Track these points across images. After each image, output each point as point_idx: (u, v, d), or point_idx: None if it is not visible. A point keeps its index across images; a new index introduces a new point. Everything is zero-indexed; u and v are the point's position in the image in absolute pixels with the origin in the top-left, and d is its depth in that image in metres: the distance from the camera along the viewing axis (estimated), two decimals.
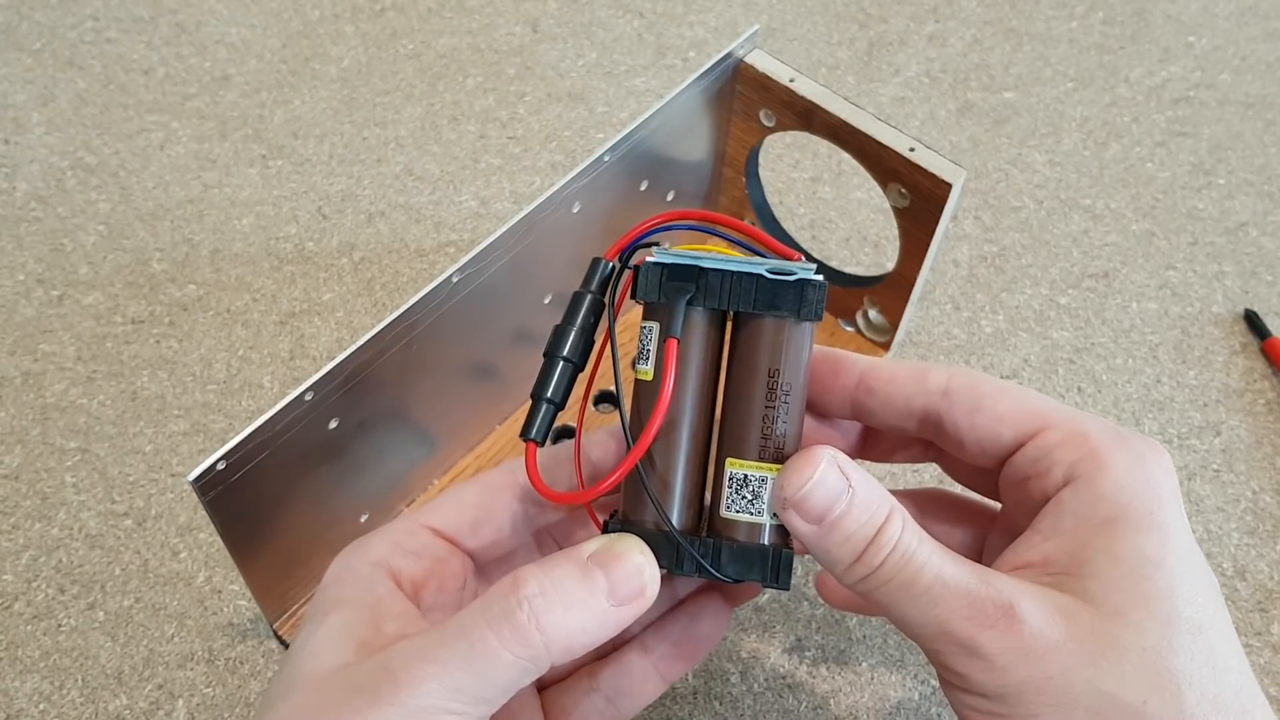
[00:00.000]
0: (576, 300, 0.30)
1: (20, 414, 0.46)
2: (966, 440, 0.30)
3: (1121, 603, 0.26)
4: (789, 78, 0.43)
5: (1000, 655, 0.25)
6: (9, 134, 0.56)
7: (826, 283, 0.27)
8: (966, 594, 0.26)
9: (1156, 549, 0.27)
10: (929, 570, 0.26)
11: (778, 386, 0.28)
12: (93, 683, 0.40)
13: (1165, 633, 0.26)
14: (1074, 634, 0.26)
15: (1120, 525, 0.27)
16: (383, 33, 0.61)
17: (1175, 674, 0.25)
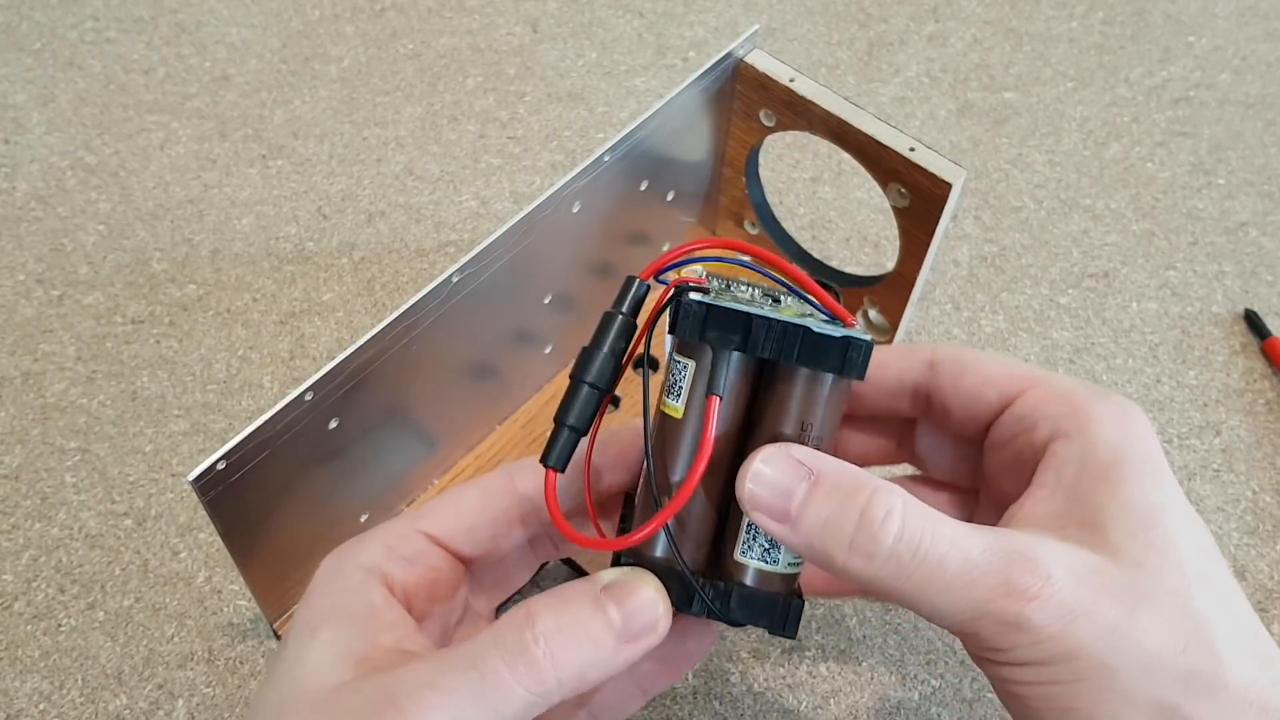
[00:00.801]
0: (607, 321, 0.28)
1: (20, 414, 0.46)
2: (953, 406, 0.31)
3: (1139, 552, 0.26)
4: (789, 78, 0.43)
5: (1046, 625, 0.25)
6: (9, 134, 0.56)
7: (873, 344, 0.26)
8: (1000, 569, 0.25)
9: (1159, 493, 0.27)
10: (954, 555, 0.25)
11: (808, 439, 0.27)
12: (93, 682, 0.40)
13: (1183, 579, 0.26)
14: (1108, 590, 0.25)
15: (1122, 470, 0.27)
16: (383, 32, 0.61)
17: (1201, 618, 0.25)
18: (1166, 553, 0.26)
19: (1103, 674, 0.25)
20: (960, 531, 0.26)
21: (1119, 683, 0.25)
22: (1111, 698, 0.25)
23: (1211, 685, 0.25)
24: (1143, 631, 0.25)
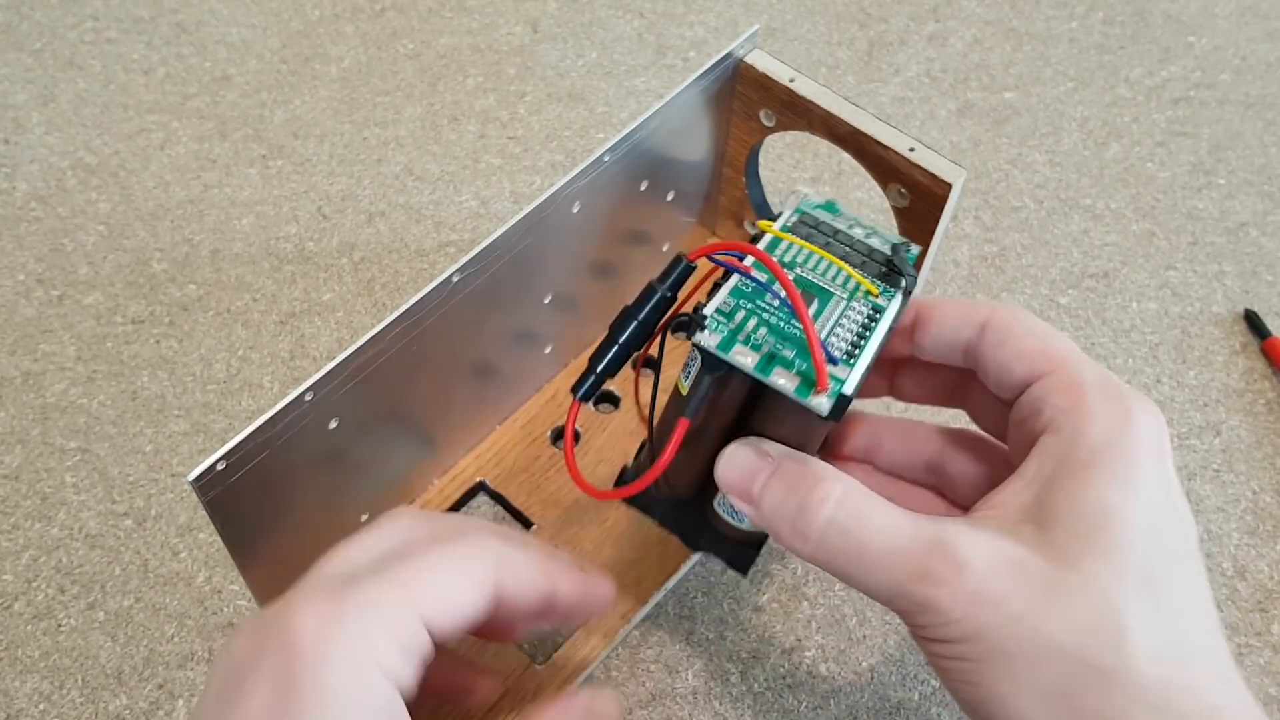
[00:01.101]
0: (648, 293, 0.33)
1: (20, 414, 0.46)
2: (990, 373, 0.32)
3: (1078, 551, 0.27)
4: (789, 78, 0.43)
5: (953, 609, 0.27)
6: (9, 134, 0.56)
7: (852, 398, 0.29)
8: (917, 556, 0.28)
9: (1121, 499, 0.28)
10: (878, 540, 0.28)
11: (791, 444, 0.32)
12: (93, 683, 0.40)
13: (1115, 581, 0.27)
14: (1022, 582, 0.27)
15: (1090, 473, 0.28)
16: (383, 33, 0.61)
17: (1120, 618, 0.27)
18: (1108, 556, 0.27)
19: (1001, 658, 0.27)
20: (893, 519, 0.29)
21: (1016, 667, 0.27)
22: (1008, 680, 0.27)
23: (1109, 680, 0.26)
24: (1046, 623, 0.27)
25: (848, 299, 0.33)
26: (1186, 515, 0.29)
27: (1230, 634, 0.42)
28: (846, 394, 0.30)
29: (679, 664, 0.41)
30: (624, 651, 0.41)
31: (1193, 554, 0.29)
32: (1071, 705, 0.27)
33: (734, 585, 0.42)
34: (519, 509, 0.43)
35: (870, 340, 0.32)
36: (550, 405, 0.46)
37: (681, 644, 0.41)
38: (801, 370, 0.30)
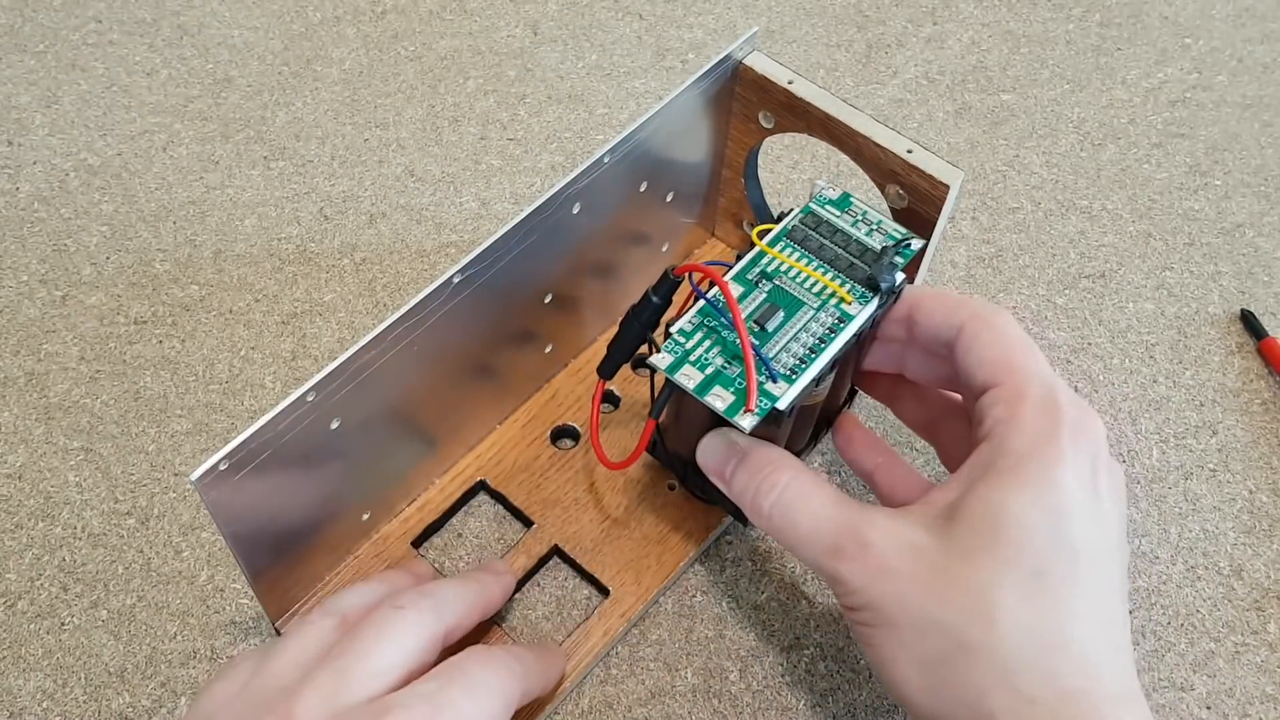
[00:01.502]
0: (645, 301, 0.39)
1: (24, 414, 0.46)
2: (959, 376, 0.36)
3: (972, 545, 0.31)
4: (787, 79, 0.43)
5: (853, 580, 0.33)
6: (12, 135, 0.56)
7: (787, 411, 0.35)
8: (832, 535, 0.33)
9: (1024, 505, 0.31)
10: (806, 521, 0.34)
11: (756, 434, 0.37)
12: (96, 681, 0.40)
13: (998, 574, 0.31)
14: (916, 564, 0.32)
15: (1004, 479, 0.32)
16: (384, 35, 0.62)
17: (996, 608, 0.30)
18: (997, 552, 0.31)
19: (890, 626, 0.32)
20: (824, 504, 0.34)
21: (901, 635, 0.32)
22: (893, 646, 0.32)
23: (975, 655, 0.30)
24: (929, 601, 0.31)
25: (817, 308, 0.38)
26: (1109, 523, 0.32)
27: (1227, 632, 0.42)
28: (780, 409, 0.35)
29: (678, 662, 0.41)
30: (623, 649, 0.41)
31: (1104, 557, 0.32)
32: (941, 673, 0.31)
33: (733, 584, 0.43)
34: (519, 508, 0.43)
35: (823, 353, 0.36)
36: (550, 405, 0.46)
37: (681, 642, 0.41)
38: (740, 388, 0.35)
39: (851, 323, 0.37)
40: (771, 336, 0.37)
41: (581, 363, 0.48)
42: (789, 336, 0.37)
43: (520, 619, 0.41)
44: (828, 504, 0.34)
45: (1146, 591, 0.43)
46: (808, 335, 0.37)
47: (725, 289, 0.36)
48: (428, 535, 0.43)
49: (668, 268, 0.38)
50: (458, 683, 0.32)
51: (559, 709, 0.39)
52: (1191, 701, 0.40)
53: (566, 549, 0.42)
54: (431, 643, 0.34)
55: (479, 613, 0.37)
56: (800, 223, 0.40)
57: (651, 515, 0.43)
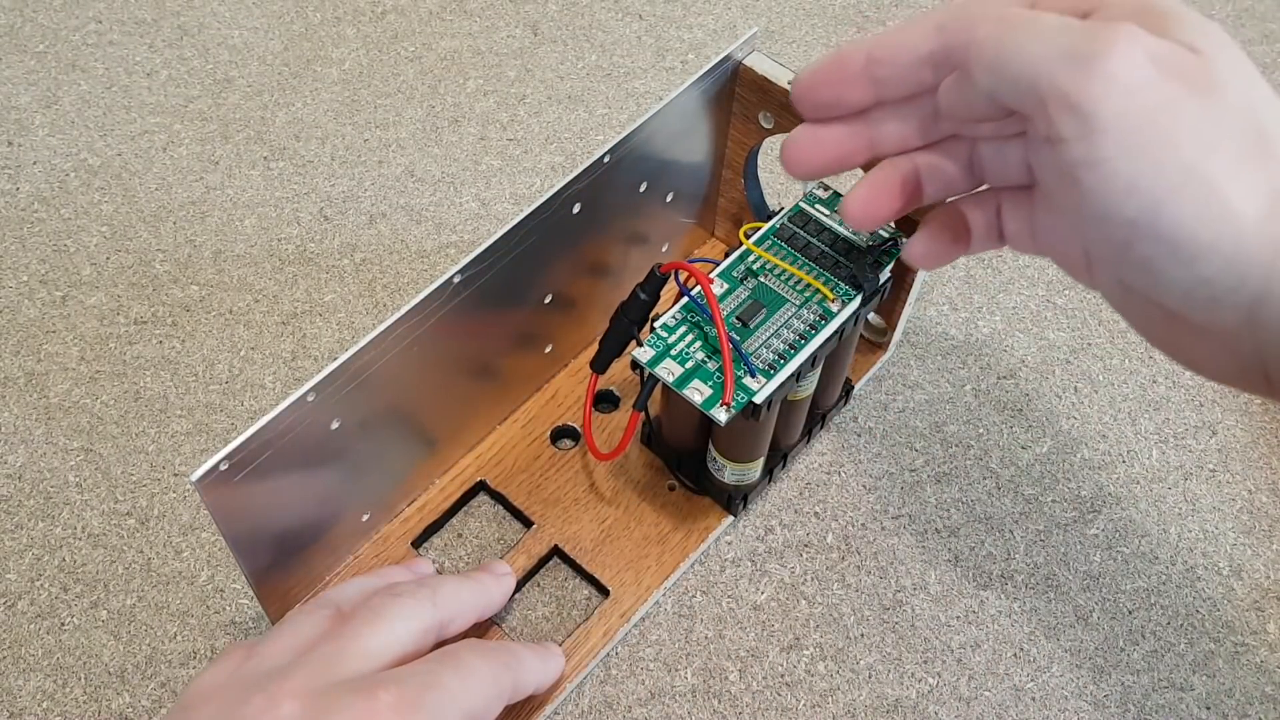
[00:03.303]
0: (633, 298, 0.40)
1: (24, 414, 0.46)
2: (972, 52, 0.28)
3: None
4: (788, 80, 0.43)
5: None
6: (12, 135, 0.56)
7: (764, 405, 0.36)
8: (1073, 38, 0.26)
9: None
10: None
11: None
12: (96, 681, 0.40)
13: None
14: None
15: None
16: (384, 35, 0.62)
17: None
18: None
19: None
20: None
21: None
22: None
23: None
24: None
25: (800, 305, 0.39)
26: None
27: (1227, 633, 0.42)
28: (756, 402, 0.36)
29: (678, 662, 0.41)
30: (623, 650, 0.41)
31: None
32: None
33: (733, 584, 0.43)
34: (519, 508, 0.43)
35: (803, 349, 0.37)
36: (550, 405, 0.46)
37: (680, 642, 0.41)
38: (718, 382, 0.36)
39: (833, 320, 0.38)
40: (753, 332, 0.38)
41: (581, 363, 0.48)
42: (770, 333, 0.38)
43: (520, 619, 0.41)
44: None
45: (1146, 591, 0.43)
46: (789, 332, 0.38)
47: (705, 285, 0.37)
48: (428, 535, 0.43)
49: (654, 265, 0.39)
50: (448, 665, 0.32)
51: (559, 709, 0.40)
52: (1191, 701, 0.40)
53: (566, 549, 0.42)
54: (426, 630, 0.34)
55: (476, 610, 0.37)
56: (788, 221, 0.41)
57: (651, 515, 0.43)
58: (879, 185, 0.32)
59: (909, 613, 0.42)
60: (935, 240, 0.33)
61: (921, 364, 0.49)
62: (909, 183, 0.32)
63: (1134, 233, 0.26)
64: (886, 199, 0.32)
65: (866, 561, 0.43)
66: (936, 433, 0.47)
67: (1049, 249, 0.32)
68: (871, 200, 0.32)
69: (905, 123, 0.31)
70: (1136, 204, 0.26)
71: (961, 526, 0.45)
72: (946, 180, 0.32)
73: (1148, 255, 0.26)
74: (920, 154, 0.32)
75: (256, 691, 0.30)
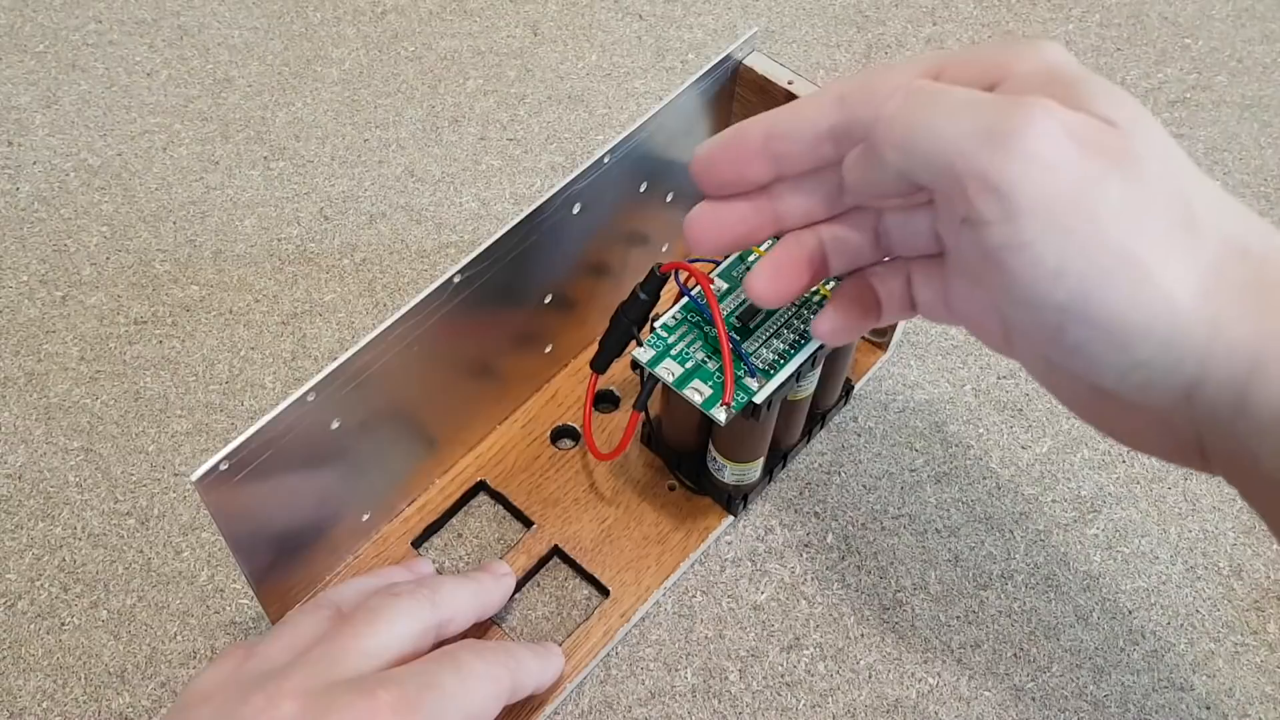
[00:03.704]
0: (633, 298, 0.40)
1: (24, 414, 0.46)
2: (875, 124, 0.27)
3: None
4: (788, 80, 0.43)
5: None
6: (12, 135, 0.56)
7: (765, 405, 0.37)
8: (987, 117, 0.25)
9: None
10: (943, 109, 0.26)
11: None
12: (96, 681, 0.40)
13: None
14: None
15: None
16: (384, 35, 0.62)
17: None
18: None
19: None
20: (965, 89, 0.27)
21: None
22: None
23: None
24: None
25: (799, 306, 0.39)
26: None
27: (1227, 632, 0.42)
28: (756, 402, 0.36)
29: (678, 662, 0.41)
30: (623, 650, 0.41)
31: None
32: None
33: (733, 584, 0.43)
34: (519, 508, 0.43)
35: (802, 349, 0.37)
36: (550, 405, 0.46)
37: (680, 642, 0.41)
38: (718, 382, 0.37)
39: None
40: (753, 333, 0.38)
41: (581, 363, 0.48)
42: (770, 333, 0.38)
43: (520, 619, 0.41)
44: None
45: (1146, 591, 0.43)
46: (789, 332, 0.38)
47: (705, 285, 0.38)
48: (428, 535, 0.43)
49: (654, 264, 0.40)
50: (447, 666, 0.32)
51: (559, 709, 0.40)
52: (1191, 701, 0.40)
53: (566, 549, 0.42)
54: (425, 630, 0.34)
55: (476, 611, 0.37)
56: None
57: (651, 515, 0.43)
58: (783, 262, 0.31)
59: (909, 613, 0.42)
60: (844, 315, 0.32)
61: (921, 364, 0.49)
62: (814, 258, 0.31)
63: (1065, 317, 0.25)
64: (791, 276, 0.31)
65: (866, 561, 0.43)
66: (936, 433, 0.47)
67: (964, 320, 0.30)
68: (776, 278, 0.31)
69: (809, 197, 0.30)
70: (1067, 288, 0.24)
71: (961, 526, 0.45)
72: (853, 252, 0.31)
73: (1081, 339, 0.25)
74: (825, 226, 0.31)
75: (256, 691, 0.30)
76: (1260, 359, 0.24)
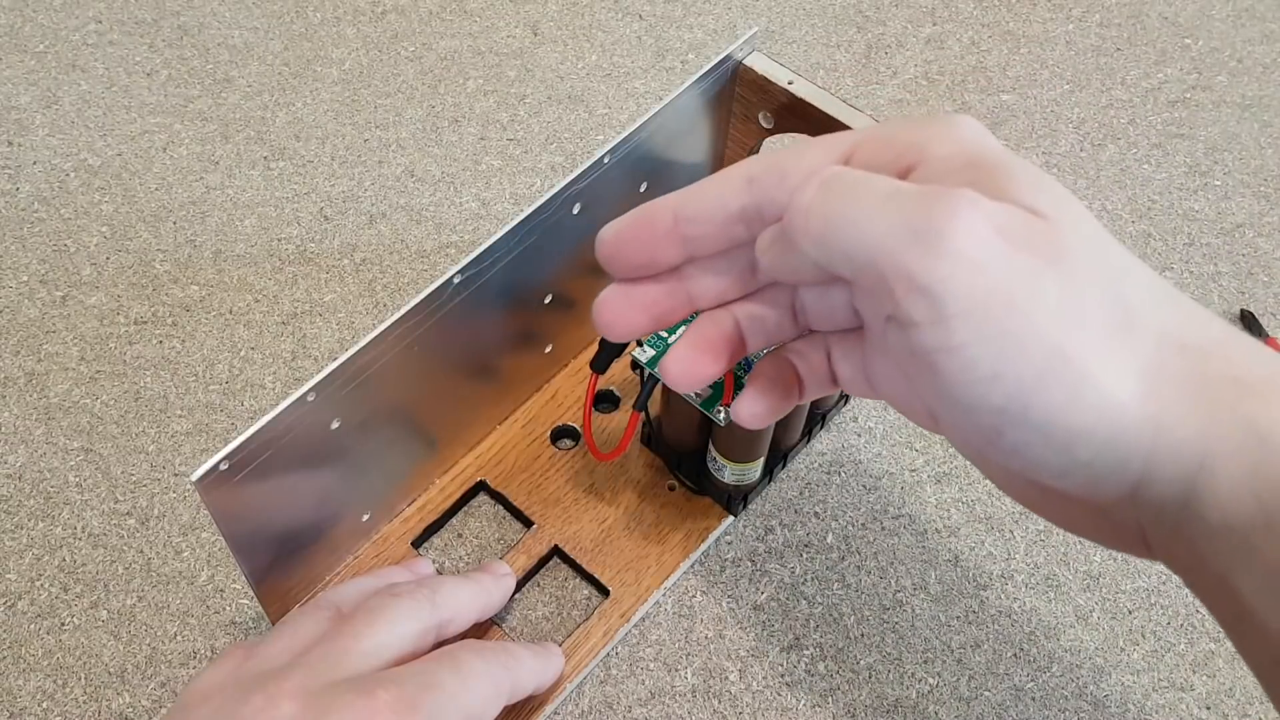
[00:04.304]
0: None
1: (24, 414, 0.46)
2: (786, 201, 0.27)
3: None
4: (787, 80, 0.43)
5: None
6: (13, 135, 0.56)
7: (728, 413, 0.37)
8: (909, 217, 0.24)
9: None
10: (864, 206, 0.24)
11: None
12: (96, 681, 0.40)
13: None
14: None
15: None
16: (384, 35, 0.62)
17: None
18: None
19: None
20: (886, 182, 0.26)
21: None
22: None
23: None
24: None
25: None
26: None
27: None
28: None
29: (678, 662, 0.41)
30: (623, 650, 0.41)
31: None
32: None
33: (733, 584, 0.43)
34: (519, 508, 0.43)
35: None
36: (550, 405, 0.46)
37: (680, 642, 0.41)
38: (718, 383, 0.37)
39: None
40: None
41: (581, 363, 0.48)
42: None
43: (520, 619, 0.41)
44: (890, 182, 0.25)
45: (1146, 591, 0.43)
46: None
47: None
48: (428, 535, 0.43)
49: None
50: (447, 666, 0.32)
51: (559, 709, 0.40)
52: (1191, 701, 0.40)
53: (566, 549, 0.42)
54: (425, 631, 0.34)
55: (476, 611, 0.37)
56: None
57: (651, 515, 0.43)
58: (698, 345, 0.29)
59: (909, 613, 0.42)
60: (765, 396, 0.30)
61: None
62: (730, 339, 0.30)
63: (1003, 420, 0.24)
64: (708, 360, 0.29)
65: (866, 561, 0.43)
66: None
67: (888, 398, 0.29)
68: (693, 362, 0.29)
69: (721, 277, 0.29)
70: (1003, 392, 0.23)
71: (961, 526, 0.45)
72: (770, 330, 0.30)
73: (1019, 441, 0.24)
74: (740, 305, 0.30)
75: (255, 691, 0.30)
76: (1206, 459, 0.24)
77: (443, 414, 0.42)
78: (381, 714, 0.29)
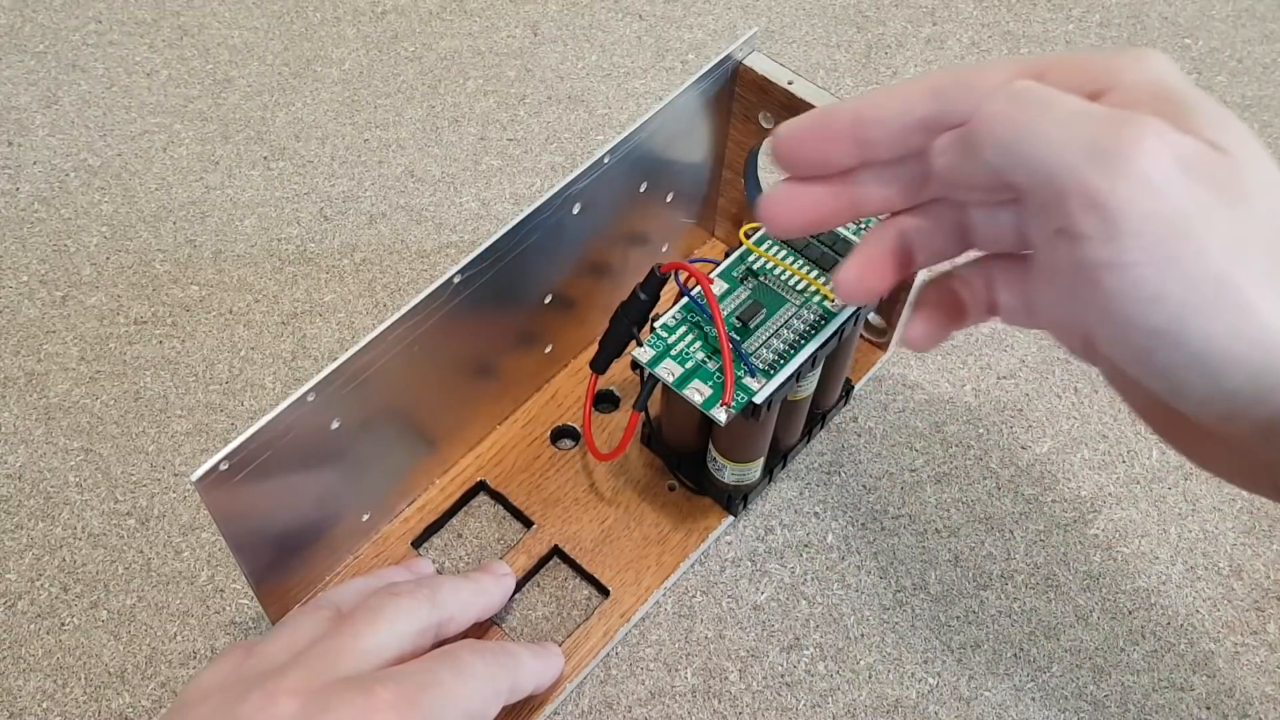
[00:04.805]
0: (634, 298, 0.40)
1: (24, 414, 0.46)
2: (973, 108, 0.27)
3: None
4: (787, 80, 0.43)
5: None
6: (12, 136, 0.56)
7: (765, 405, 0.37)
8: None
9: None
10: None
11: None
12: (96, 681, 0.40)
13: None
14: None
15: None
16: (384, 35, 0.62)
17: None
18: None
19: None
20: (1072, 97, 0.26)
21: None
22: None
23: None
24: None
25: (800, 305, 0.39)
26: None
27: (1227, 633, 0.42)
28: (756, 402, 0.36)
29: (678, 662, 0.41)
30: (623, 650, 0.41)
31: None
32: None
33: (733, 584, 0.43)
34: (519, 508, 0.43)
35: (803, 349, 0.37)
36: (550, 405, 0.46)
37: (680, 642, 0.41)
38: (718, 382, 0.37)
39: (833, 320, 0.38)
40: (753, 332, 0.38)
41: (581, 363, 0.48)
42: (770, 333, 0.38)
43: (520, 619, 0.41)
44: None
45: (1146, 591, 0.43)
46: (789, 332, 0.38)
47: (705, 285, 0.38)
48: (428, 535, 0.43)
49: (654, 265, 0.40)
50: (447, 665, 0.32)
51: (559, 709, 0.40)
52: (1191, 701, 0.40)
53: (566, 549, 0.42)
54: (425, 630, 0.34)
55: (476, 611, 0.37)
56: None
57: (651, 515, 0.43)
58: (870, 258, 0.30)
59: (909, 613, 0.42)
60: (932, 321, 0.31)
61: (921, 364, 0.49)
62: (901, 253, 0.30)
63: (1158, 341, 0.24)
64: (880, 272, 0.30)
65: (866, 561, 0.43)
66: (936, 433, 0.47)
67: (1047, 325, 0.30)
68: (865, 275, 0.30)
69: (890, 186, 0.29)
70: (1164, 313, 0.24)
71: (961, 526, 0.45)
72: (937, 247, 0.30)
73: (1170, 363, 0.25)
74: (907, 219, 0.30)
75: (255, 689, 0.30)
76: None
77: (443, 414, 0.42)
78: (381, 712, 0.30)
